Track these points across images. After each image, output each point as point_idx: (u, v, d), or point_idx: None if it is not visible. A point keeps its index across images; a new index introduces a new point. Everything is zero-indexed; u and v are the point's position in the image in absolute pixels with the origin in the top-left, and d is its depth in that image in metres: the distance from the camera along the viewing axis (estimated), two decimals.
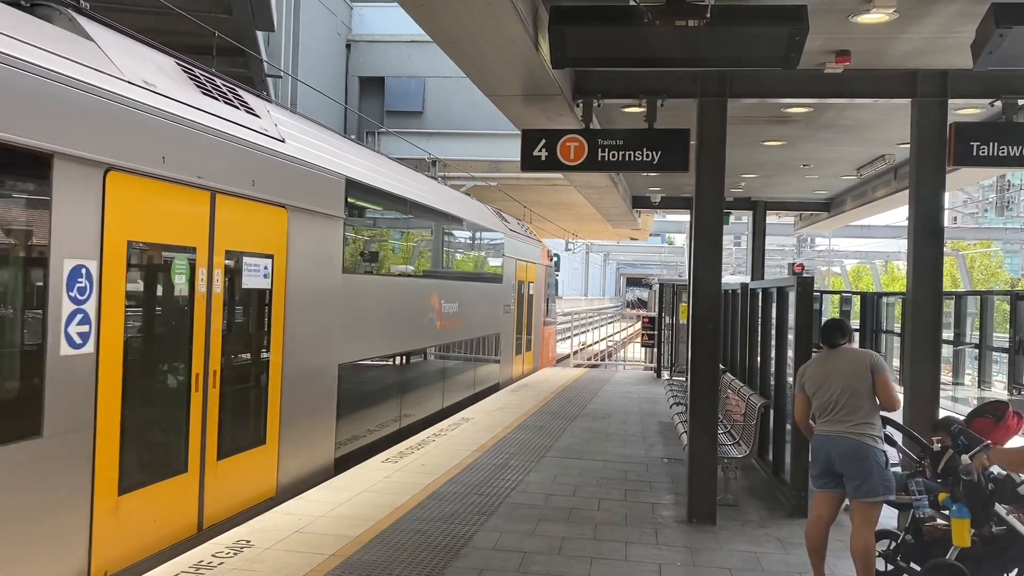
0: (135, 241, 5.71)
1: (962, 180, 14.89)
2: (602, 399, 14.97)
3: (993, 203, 51.71)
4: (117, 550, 5.53)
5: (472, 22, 5.91)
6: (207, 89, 6.84)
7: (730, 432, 9.11)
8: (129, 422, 5.61)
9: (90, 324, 5.26)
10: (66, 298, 5.05)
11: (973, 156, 7.20)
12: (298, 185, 7.87)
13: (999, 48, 5.46)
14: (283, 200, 7.56)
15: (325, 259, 8.52)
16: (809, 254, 50.98)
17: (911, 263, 7.69)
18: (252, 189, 7.03)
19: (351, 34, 23.32)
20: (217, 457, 6.66)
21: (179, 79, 6.54)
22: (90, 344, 5.25)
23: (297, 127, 8.42)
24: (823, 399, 5.48)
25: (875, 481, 5.23)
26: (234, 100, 7.22)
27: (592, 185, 14.50)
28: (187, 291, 6.32)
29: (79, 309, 5.16)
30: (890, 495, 5.27)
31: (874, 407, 5.35)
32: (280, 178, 7.52)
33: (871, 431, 5.29)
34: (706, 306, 7.41)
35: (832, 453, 5.37)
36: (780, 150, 10.98)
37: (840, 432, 5.33)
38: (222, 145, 6.61)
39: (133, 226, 5.65)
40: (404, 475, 8.36)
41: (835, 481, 5.41)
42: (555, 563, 5.99)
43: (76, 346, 5.15)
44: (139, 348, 5.89)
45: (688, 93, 7.42)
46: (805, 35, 5.48)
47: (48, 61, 4.91)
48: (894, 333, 16.56)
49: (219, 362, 6.68)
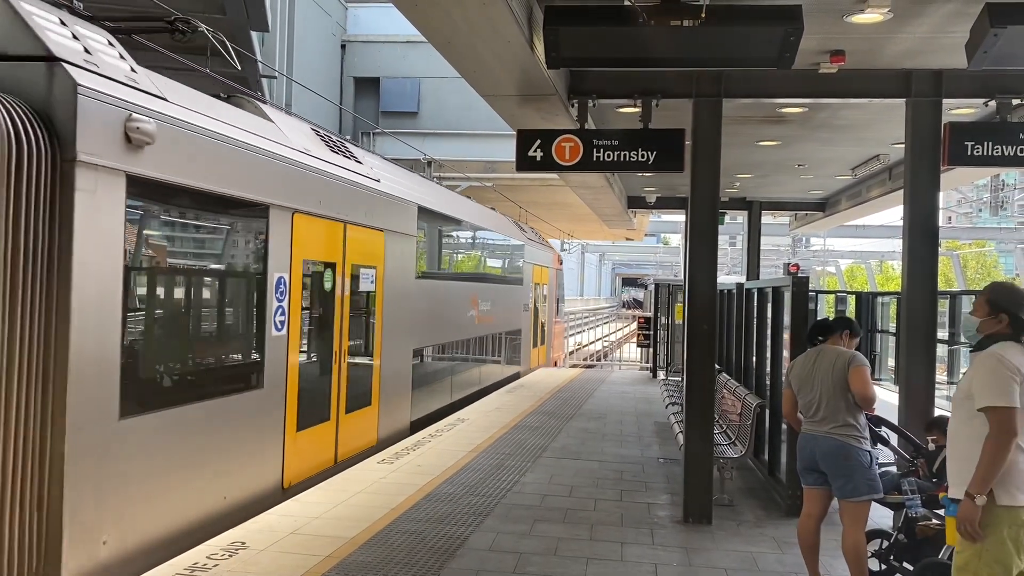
0: (306, 259, 8.05)
1: (956, 180, 14.93)
2: (598, 399, 14.97)
3: (987, 203, 51.86)
4: (295, 469, 7.89)
5: (466, 22, 5.90)
6: (332, 146, 9.15)
7: (726, 432, 9.11)
8: (303, 382, 7.95)
9: (286, 315, 7.62)
10: (274, 298, 7.40)
11: (967, 156, 7.21)
12: (389, 213, 10.22)
13: (993, 48, 5.48)
14: (381, 225, 9.93)
15: (405, 268, 10.89)
16: (804, 254, 51.11)
17: (906, 263, 7.70)
18: (365, 219, 9.39)
19: (346, 34, 23.31)
20: (345, 411, 9.03)
21: (316, 141, 8.81)
22: (284, 329, 7.60)
23: (384, 168, 10.97)
24: (806, 399, 5.51)
25: (859, 481, 5.24)
26: (347, 152, 9.54)
27: (587, 185, 14.50)
28: (332, 293, 8.72)
29: (280, 306, 7.52)
30: (875, 494, 5.28)
31: (854, 408, 5.34)
32: (379, 209, 9.87)
33: (854, 432, 5.30)
34: (702, 306, 7.40)
35: (816, 452, 5.40)
36: (775, 150, 10.99)
37: (824, 432, 5.35)
38: (347, 189, 8.91)
39: (305, 249, 7.98)
40: (400, 476, 8.35)
41: (821, 478, 5.43)
42: (551, 564, 5.98)
43: (278, 330, 7.51)
44: (308, 332, 8.21)
45: (683, 93, 7.43)
46: (800, 35, 5.48)
47: (258, 141, 7.15)
48: (889, 333, 16.59)
49: (347, 344, 9.08)
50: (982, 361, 3.73)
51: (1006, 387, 3.57)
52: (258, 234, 7.24)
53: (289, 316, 7.64)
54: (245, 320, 7.29)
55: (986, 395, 3.61)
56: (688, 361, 7.51)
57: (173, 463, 6.02)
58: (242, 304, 7.29)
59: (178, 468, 6.08)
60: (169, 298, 6.41)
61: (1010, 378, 3.58)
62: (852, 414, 5.32)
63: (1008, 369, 3.60)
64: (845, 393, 5.32)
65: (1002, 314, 3.81)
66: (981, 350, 3.81)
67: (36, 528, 4.85)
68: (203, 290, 6.89)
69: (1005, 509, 3.56)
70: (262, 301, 7.26)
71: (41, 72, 4.99)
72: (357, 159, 9.70)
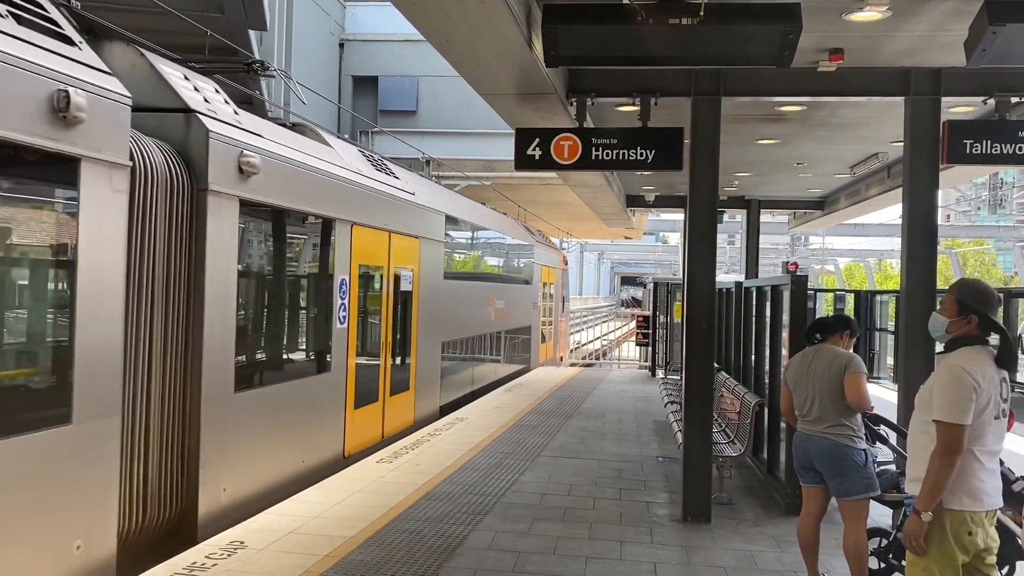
0: (361, 264, 9.56)
1: (955, 178, 14.94)
2: (597, 398, 14.97)
3: (986, 201, 51.89)
4: (353, 441, 9.43)
5: (465, 21, 5.89)
6: (375, 164, 10.69)
7: (725, 431, 9.11)
8: (358, 368, 9.51)
9: (347, 311, 9.14)
10: (338, 296, 8.96)
11: (966, 154, 7.20)
12: (422, 222, 11.76)
13: (992, 46, 5.47)
14: (416, 233, 11.45)
15: (435, 270, 12.45)
16: (803, 252, 51.11)
17: (905, 261, 7.70)
18: (404, 227, 10.96)
19: (344, 33, 23.27)
20: (390, 394, 10.61)
21: (363, 161, 10.28)
22: (346, 323, 9.13)
23: (416, 181, 12.46)
24: (800, 398, 5.51)
25: (854, 479, 5.24)
26: (387, 170, 11.10)
27: (586, 184, 14.50)
28: (379, 292, 10.30)
29: (342, 303, 9.06)
30: (871, 492, 5.28)
31: (849, 408, 5.33)
32: (415, 219, 11.42)
33: (847, 431, 5.29)
34: (700, 305, 7.40)
35: (811, 451, 5.40)
36: (774, 148, 10.99)
37: (818, 432, 5.35)
38: (390, 202, 10.45)
39: (360, 255, 9.48)
40: (398, 475, 8.35)
41: (818, 476, 5.43)
42: (550, 563, 5.98)
43: (341, 323, 9.04)
44: (364, 326, 9.74)
45: (682, 91, 7.42)
46: (799, 33, 5.48)
47: (324, 165, 8.53)
48: (888, 331, 16.59)
49: (392, 335, 10.68)
50: (946, 370, 3.67)
51: (961, 403, 3.53)
52: (327, 244, 8.80)
53: (349, 312, 9.20)
54: (319, 315, 8.75)
55: (940, 408, 3.58)
56: (687, 360, 7.51)
57: (267, 431, 7.49)
58: (317, 302, 8.75)
59: (271, 435, 7.55)
60: (265, 296, 7.94)
61: (968, 395, 3.53)
62: (846, 414, 5.31)
63: (966, 386, 3.54)
64: (840, 394, 5.31)
65: (972, 315, 3.73)
66: (949, 352, 3.76)
67: (180, 478, 6.31)
68: (289, 290, 8.36)
69: (949, 512, 3.59)
70: (330, 299, 8.84)
71: (181, 121, 6.47)
72: (395, 175, 11.28)
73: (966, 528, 3.59)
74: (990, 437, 3.64)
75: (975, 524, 3.60)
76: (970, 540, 3.60)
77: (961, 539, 3.59)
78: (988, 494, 3.64)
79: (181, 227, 6.26)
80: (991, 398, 3.62)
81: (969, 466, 3.61)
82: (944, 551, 3.59)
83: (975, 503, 3.61)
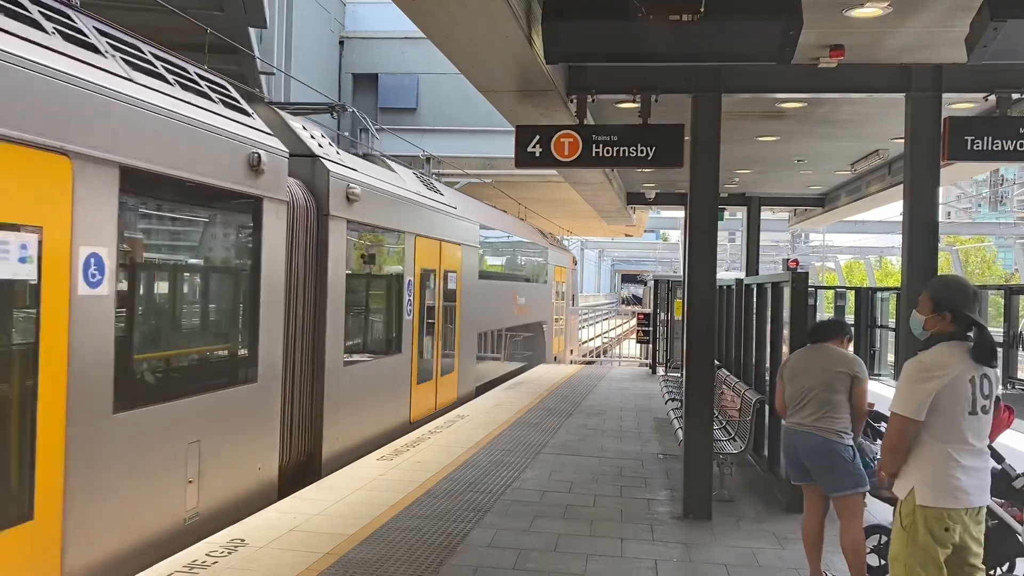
0: (421, 267, 11.77)
1: (956, 175, 14.90)
2: (597, 395, 14.97)
3: (987, 198, 51.81)
4: (416, 411, 11.60)
5: (465, 18, 5.88)
6: (425, 183, 13.00)
7: (725, 428, 9.11)
8: (419, 351, 11.67)
9: (412, 305, 11.35)
10: (407, 293, 11.16)
11: (967, 151, 7.18)
12: (464, 231, 13.98)
13: (993, 42, 5.45)
14: (459, 240, 13.66)
15: (472, 271, 14.66)
16: (803, 249, 51.03)
17: (905, 258, 7.68)
18: (450, 236, 13.13)
19: (344, 30, 23.25)
20: (440, 374, 12.80)
21: (417, 181, 12.50)
22: (411, 315, 11.32)
23: (455, 196, 14.70)
24: (794, 388, 5.55)
25: (841, 476, 5.26)
26: (435, 188, 13.45)
27: (586, 181, 14.47)
28: (433, 290, 12.39)
29: (409, 298, 11.23)
30: (860, 488, 5.30)
31: (842, 405, 5.36)
32: (457, 228, 13.59)
33: (835, 426, 5.33)
34: (701, 302, 7.39)
35: (799, 448, 5.43)
36: (774, 145, 10.97)
37: (805, 427, 5.38)
38: (440, 216, 12.65)
39: (420, 260, 11.72)
40: (399, 472, 8.34)
41: (808, 474, 5.45)
42: (551, 560, 5.98)
43: (408, 315, 11.23)
44: (422, 317, 11.84)
45: (682, 88, 7.40)
46: (799, 29, 5.46)
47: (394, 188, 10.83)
48: (888, 328, 16.58)
49: (442, 324, 12.86)
50: (907, 364, 3.79)
51: (910, 397, 3.66)
52: (400, 251, 11.11)
53: (414, 306, 11.41)
54: (396, 308, 10.99)
55: (893, 399, 3.73)
56: (688, 357, 7.50)
57: (362, 398, 9.66)
58: (395, 297, 10.98)
59: (364, 401, 9.74)
60: (364, 294, 10.08)
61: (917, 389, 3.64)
62: (839, 410, 5.35)
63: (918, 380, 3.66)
64: (836, 390, 5.36)
65: (946, 312, 3.77)
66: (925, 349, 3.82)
67: (311, 428, 8.56)
68: (377, 288, 10.67)
69: (922, 508, 3.65)
70: (401, 295, 11.04)
71: (309, 164, 8.68)
72: (440, 192, 13.51)
73: (942, 524, 3.62)
74: (965, 433, 3.65)
75: (952, 520, 3.62)
76: (947, 535, 3.62)
77: (937, 535, 3.62)
78: (966, 491, 3.63)
79: (312, 241, 8.51)
80: (959, 393, 3.63)
81: (942, 463, 3.63)
82: (921, 545, 3.62)
83: (951, 500, 3.62)
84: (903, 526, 3.70)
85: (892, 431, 3.72)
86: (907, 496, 3.70)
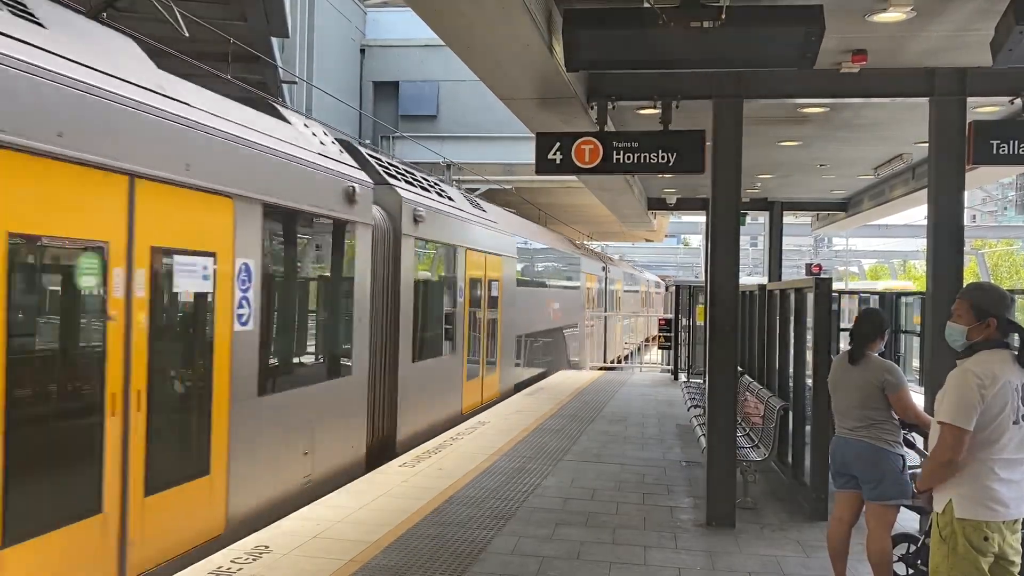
0: (470, 277, 13.23)
1: (981, 178, 14.74)
2: (619, 402, 14.93)
3: (1013, 201, 51.18)
4: (466, 403, 13.19)
5: (486, 27, 5.90)
6: (471, 201, 14.68)
7: (749, 435, 9.04)
8: (468, 351, 13.21)
9: (463, 311, 12.85)
10: (460, 296, 12.75)
11: (992, 155, 7.11)
12: (503, 244, 15.46)
13: (1019, 45, 5.39)
14: (500, 252, 15.09)
15: (511, 279, 16.17)
16: (826, 254, 50.68)
17: (930, 263, 7.61)
18: (492, 248, 14.55)
19: (365, 39, 23.40)
20: (486, 372, 14.35)
21: (465, 200, 14.12)
22: (462, 320, 12.84)
23: (495, 212, 16.11)
24: (836, 401, 5.49)
25: (889, 485, 5.18)
26: (479, 206, 15.02)
27: (607, 187, 14.45)
28: (479, 296, 13.85)
29: (459, 300, 12.74)
30: (905, 499, 5.21)
31: (884, 418, 5.27)
32: (500, 243, 15.11)
33: (884, 435, 5.23)
34: (723, 308, 7.36)
35: (847, 455, 5.34)
36: (796, 150, 10.91)
37: (856, 436, 5.30)
38: (484, 231, 14.16)
39: (470, 269, 13.22)
40: (421, 479, 8.36)
41: (853, 481, 5.36)
42: (573, 568, 5.97)
43: (460, 319, 12.72)
44: (472, 316, 13.45)
45: (703, 94, 7.38)
46: (821, 35, 5.43)
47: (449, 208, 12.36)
48: (913, 333, 16.42)
49: (488, 328, 14.38)
50: (955, 373, 3.69)
51: (963, 407, 3.56)
52: (454, 262, 12.58)
53: (464, 311, 12.95)
54: (450, 311, 12.33)
55: (944, 410, 3.62)
56: (710, 363, 7.47)
57: (425, 391, 11.21)
58: (450, 302, 12.37)
59: (427, 393, 11.28)
60: (426, 299, 11.36)
61: (971, 398, 3.54)
62: (885, 420, 5.26)
63: (971, 389, 3.55)
64: (879, 405, 5.25)
65: (990, 319, 3.69)
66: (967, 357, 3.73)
67: (388, 415, 10.14)
68: (438, 295, 11.96)
69: (960, 521, 3.59)
70: (454, 302, 12.54)
71: (385, 191, 10.15)
72: (483, 208, 15.14)
73: (980, 534, 3.57)
74: (1009, 443, 3.58)
75: (991, 531, 3.58)
76: (987, 544, 3.57)
77: (976, 544, 3.57)
78: (1005, 504, 3.58)
79: (389, 256, 10.09)
80: (1007, 403, 3.56)
81: (982, 476, 3.58)
82: (962, 555, 3.58)
83: (989, 513, 3.57)
84: (942, 537, 3.64)
85: (947, 443, 3.58)
86: (945, 508, 3.64)
